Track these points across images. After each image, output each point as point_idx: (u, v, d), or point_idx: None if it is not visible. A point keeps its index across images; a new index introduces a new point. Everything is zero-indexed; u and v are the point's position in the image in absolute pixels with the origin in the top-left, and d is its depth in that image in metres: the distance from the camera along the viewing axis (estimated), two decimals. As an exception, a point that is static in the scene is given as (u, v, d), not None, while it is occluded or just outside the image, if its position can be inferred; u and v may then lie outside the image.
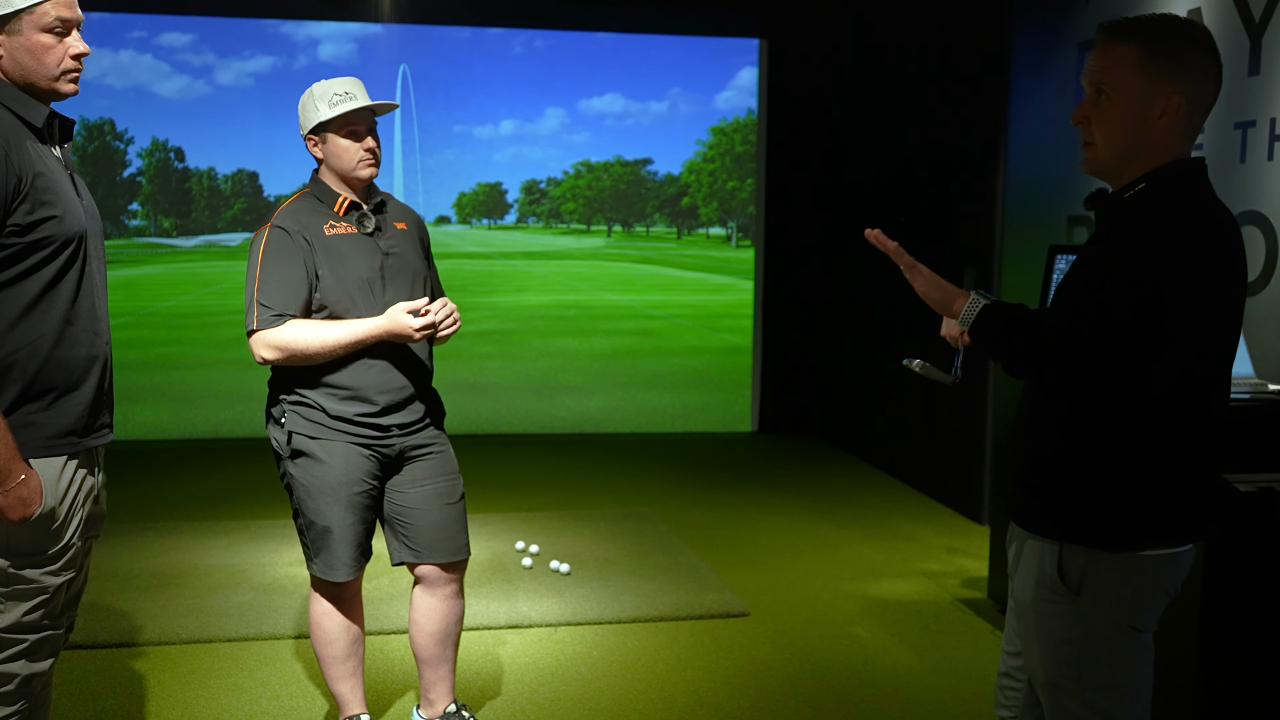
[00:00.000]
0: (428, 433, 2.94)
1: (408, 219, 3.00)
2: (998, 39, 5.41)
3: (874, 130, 7.09)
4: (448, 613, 3.01)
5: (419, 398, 2.91)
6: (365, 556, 2.94)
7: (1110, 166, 1.93)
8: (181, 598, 4.28)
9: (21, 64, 2.14)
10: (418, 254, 2.97)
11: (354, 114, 2.80)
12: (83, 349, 2.21)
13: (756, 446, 7.73)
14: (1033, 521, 1.98)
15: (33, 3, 2.11)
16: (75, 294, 2.18)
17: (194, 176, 8.00)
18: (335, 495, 2.82)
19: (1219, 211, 1.88)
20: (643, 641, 3.97)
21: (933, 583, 4.68)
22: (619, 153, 8.55)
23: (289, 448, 2.83)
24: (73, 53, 2.18)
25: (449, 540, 2.94)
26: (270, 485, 6.16)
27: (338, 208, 2.85)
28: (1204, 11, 3.86)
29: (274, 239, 2.79)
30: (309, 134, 2.84)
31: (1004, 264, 5.29)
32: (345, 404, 2.81)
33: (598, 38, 8.10)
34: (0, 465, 2.05)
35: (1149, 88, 1.85)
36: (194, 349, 8.00)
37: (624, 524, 5.43)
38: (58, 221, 2.13)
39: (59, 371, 2.17)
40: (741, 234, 8.47)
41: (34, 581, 2.18)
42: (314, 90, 2.83)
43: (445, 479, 2.95)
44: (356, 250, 2.83)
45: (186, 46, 7.74)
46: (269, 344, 2.74)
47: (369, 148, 2.82)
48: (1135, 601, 1.91)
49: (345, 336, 2.75)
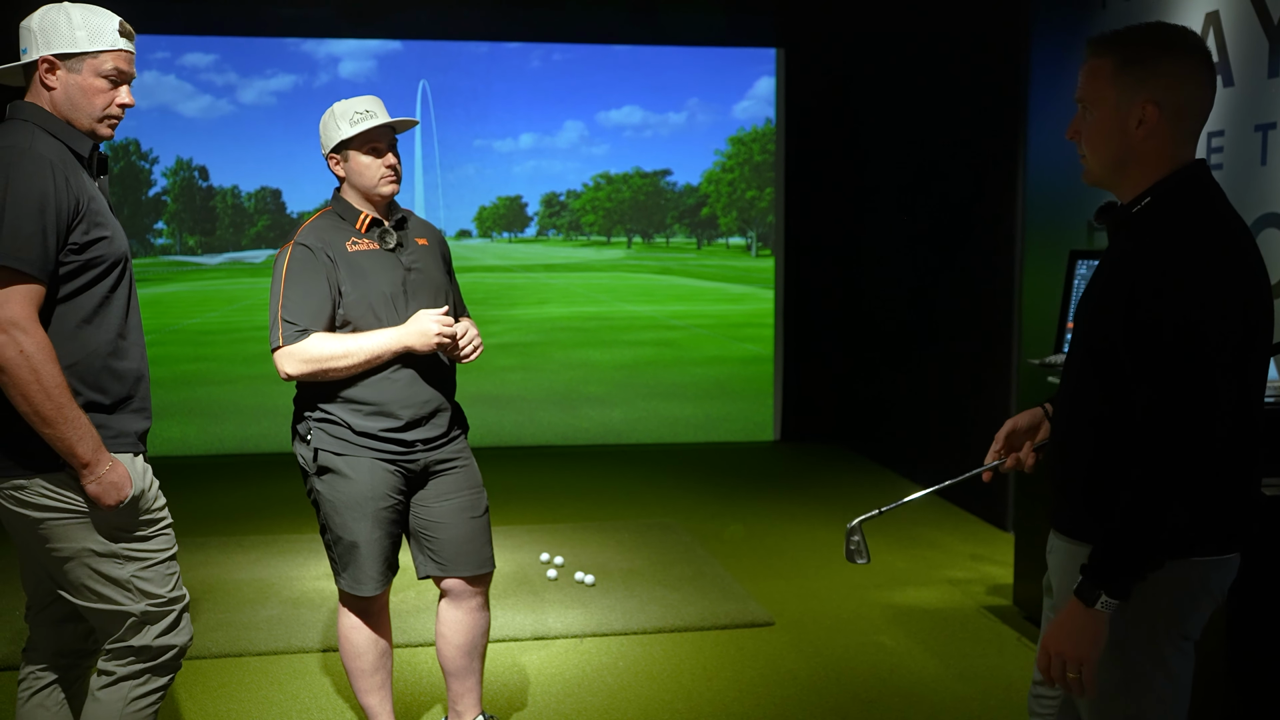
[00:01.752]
0: (452, 447, 2.96)
1: (429, 235, 3.03)
2: (1016, 44, 5.41)
3: (892, 137, 7.09)
4: (474, 625, 3.02)
5: (443, 412, 2.92)
6: (392, 570, 2.95)
7: (1104, 178, 1.95)
8: (211, 612, 4.32)
9: (72, 100, 2.29)
10: (439, 269, 2.99)
11: (375, 131, 2.83)
12: (133, 361, 2.37)
13: (779, 455, 7.72)
14: (1078, 529, 1.97)
15: (98, 49, 2.28)
16: (126, 310, 2.35)
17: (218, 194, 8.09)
18: (362, 511, 2.84)
19: (1231, 220, 1.87)
20: (668, 652, 3.97)
21: (958, 590, 4.67)
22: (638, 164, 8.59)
23: (315, 464, 2.85)
24: (120, 102, 2.34)
25: (474, 553, 2.96)
26: (297, 500, 6.20)
27: (359, 224, 2.88)
28: (1222, 15, 3.85)
29: (297, 256, 2.82)
30: (330, 152, 2.88)
31: (1025, 270, 5.28)
32: (370, 420, 2.82)
33: (615, 50, 8.14)
34: (89, 455, 2.21)
35: (1123, 99, 1.87)
36: (220, 365, 8.08)
37: (648, 534, 5.44)
38: (109, 242, 2.29)
39: (115, 382, 2.32)
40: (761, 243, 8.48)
41: (155, 552, 2.38)
42: (335, 109, 2.86)
43: (470, 492, 2.97)
44: (379, 266, 2.86)
45: (209, 66, 7.84)
46: (294, 359, 2.78)
47: (390, 165, 2.86)
48: (1183, 608, 1.90)
49: (369, 348, 2.77)
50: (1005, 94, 5.57)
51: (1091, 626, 1.80)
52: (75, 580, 2.33)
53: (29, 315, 2.15)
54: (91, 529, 2.29)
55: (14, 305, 2.13)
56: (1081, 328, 1.98)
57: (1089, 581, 1.80)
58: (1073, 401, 1.99)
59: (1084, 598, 1.80)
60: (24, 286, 2.15)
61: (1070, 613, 1.83)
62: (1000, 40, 5.63)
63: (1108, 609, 1.79)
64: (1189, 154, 1.91)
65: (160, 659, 2.41)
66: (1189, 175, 1.89)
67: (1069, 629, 1.82)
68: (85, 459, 2.21)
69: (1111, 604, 1.79)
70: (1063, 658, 1.83)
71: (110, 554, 2.32)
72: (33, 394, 2.14)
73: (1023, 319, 5.31)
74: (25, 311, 2.15)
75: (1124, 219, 1.93)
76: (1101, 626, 1.80)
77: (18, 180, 2.16)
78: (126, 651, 2.38)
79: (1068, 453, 1.99)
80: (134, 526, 2.34)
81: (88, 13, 2.29)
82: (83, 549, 2.30)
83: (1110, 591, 1.78)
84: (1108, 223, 1.98)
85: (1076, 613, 1.81)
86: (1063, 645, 1.83)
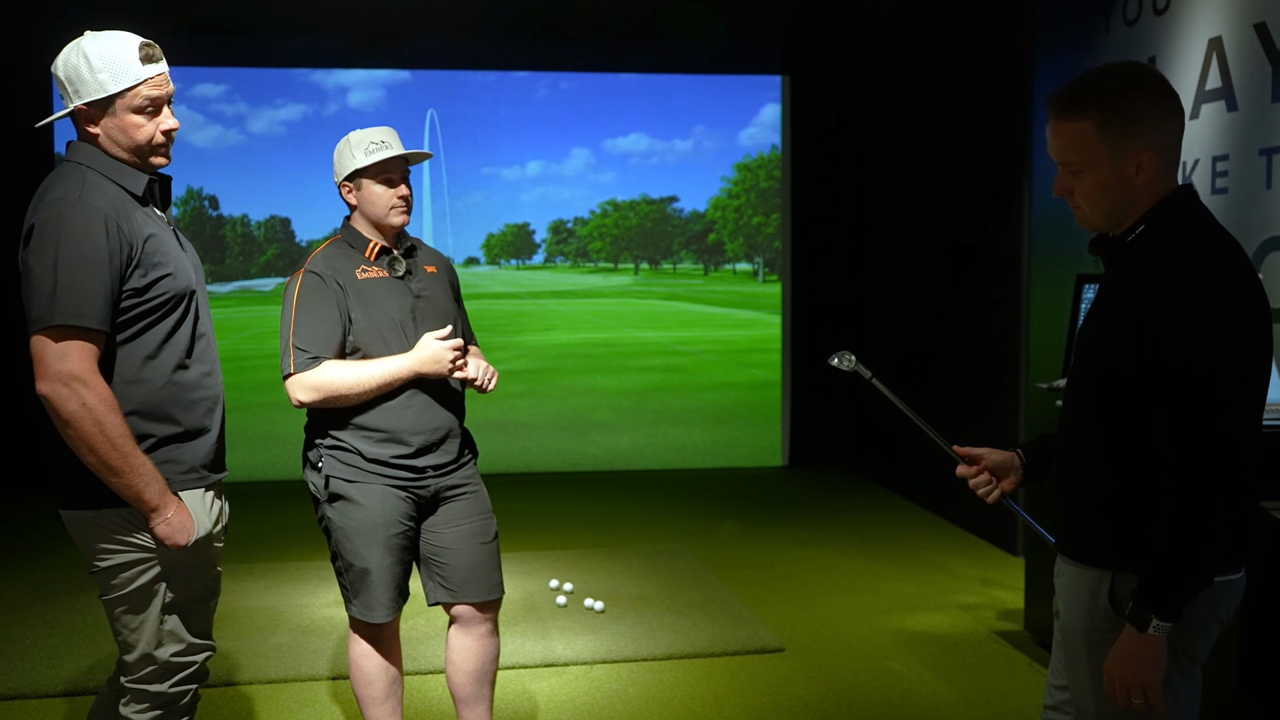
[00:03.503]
0: (462, 472, 2.97)
1: (438, 263, 3.05)
2: (1020, 69, 5.45)
3: (898, 162, 7.13)
4: (483, 651, 3.02)
5: (453, 438, 2.94)
6: (403, 597, 2.95)
7: (1104, 225, 1.99)
8: (220, 640, 4.32)
9: (118, 141, 2.31)
10: (448, 296, 3.02)
11: (389, 162, 2.86)
12: (202, 390, 2.39)
13: (788, 481, 7.71)
14: (1084, 552, 1.98)
15: (124, 88, 2.27)
16: (190, 343, 2.37)
17: (228, 223, 8.14)
18: (373, 538, 2.85)
19: (1226, 240, 1.91)
20: (678, 678, 3.96)
21: (968, 615, 4.65)
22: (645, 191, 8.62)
23: (326, 491, 2.87)
24: (163, 128, 2.34)
25: (483, 579, 2.96)
26: (306, 527, 6.21)
27: (369, 252, 2.90)
28: (1225, 41, 3.88)
29: (308, 283, 2.85)
30: (343, 180, 2.91)
31: (1032, 294, 5.29)
32: (381, 446, 2.84)
33: (621, 78, 8.20)
34: (155, 499, 2.25)
35: (1118, 154, 1.90)
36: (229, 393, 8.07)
37: (656, 560, 5.43)
38: (171, 279, 2.31)
39: (185, 413, 2.35)
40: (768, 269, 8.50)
41: (192, 602, 2.40)
42: (350, 138, 2.89)
43: (479, 518, 2.98)
44: (388, 293, 2.88)
45: (219, 97, 7.91)
46: (305, 386, 2.80)
47: (402, 195, 2.89)
48: (1189, 630, 1.91)
49: (381, 375, 2.79)
50: (1010, 119, 5.59)
51: (1148, 651, 1.84)
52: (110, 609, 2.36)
53: (89, 368, 2.17)
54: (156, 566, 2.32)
55: (74, 359, 2.16)
56: (1085, 355, 2.00)
57: (1139, 607, 1.84)
58: (1079, 428, 2.00)
59: (1136, 623, 1.84)
60: (82, 340, 2.17)
61: (1126, 639, 1.86)
62: (1004, 64, 5.67)
63: (1161, 632, 1.83)
64: (1174, 181, 1.95)
65: (177, 703, 2.41)
66: (1179, 201, 1.93)
67: (1126, 655, 1.86)
68: (153, 504, 2.25)
69: (1164, 627, 1.82)
70: (1125, 683, 1.87)
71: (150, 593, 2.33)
72: (98, 445, 2.17)
73: (1030, 343, 5.31)
74: (85, 365, 2.17)
75: (1118, 247, 1.97)
76: (1157, 650, 1.84)
77: (69, 234, 2.17)
78: (143, 696, 2.38)
79: (1075, 479, 2.00)
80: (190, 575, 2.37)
81: (104, 46, 2.27)
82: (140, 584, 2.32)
83: (1161, 615, 1.82)
84: (1102, 253, 2.02)
85: (1132, 639, 1.85)
86: (1124, 672, 1.86)
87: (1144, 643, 1.84)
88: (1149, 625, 1.82)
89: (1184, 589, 1.82)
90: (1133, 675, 1.85)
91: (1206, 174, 3.94)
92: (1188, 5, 4.08)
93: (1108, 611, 1.94)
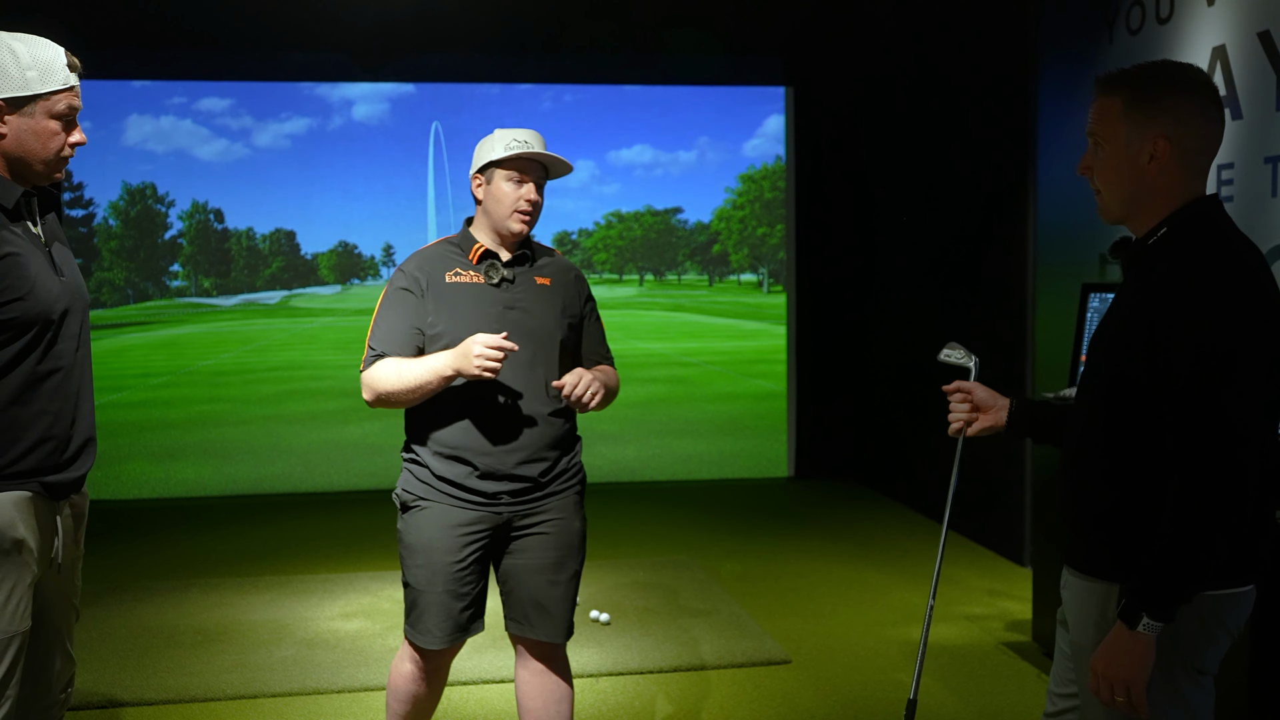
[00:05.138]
0: (549, 504, 2.76)
1: (559, 277, 2.82)
2: (1024, 78, 5.45)
3: (902, 172, 7.13)
4: (543, 690, 2.83)
5: (534, 463, 2.72)
6: (461, 631, 2.76)
7: (1119, 213, 2.00)
8: (226, 653, 4.31)
9: (24, 145, 2.15)
10: (553, 311, 2.78)
11: (523, 161, 2.71)
12: (39, 429, 2.17)
13: (794, 491, 7.69)
14: (1093, 566, 1.98)
15: (50, 90, 2.13)
16: (29, 376, 2.15)
17: (233, 237, 8.17)
18: (429, 559, 2.70)
19: (1246, 252, 1.90)
20: (685, 691, 3.95)
21: (976, 626, 4.63)
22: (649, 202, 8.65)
23: (399, 502, 2.77)
24: (73, 141, 2.21)
25: (544, 621, 2.78)
26: (312, 540, 6.21)
27: (472, 255, 2.75)
28: (1229, 49, 3.87)
29: (396, 282, 2.73)
30: (476, 172, 2.77)
31: (1038, 303, 5.28)
32: (448, 465, 2.69)
33: (625, 91, 8.22)
34: None
35: (1135, 134, 1.93)
36: (235, 406, 8.11)
37: (662, 572, 5.42)
38: (23, 304, 2.11)
39: (21, 446, 2.15)
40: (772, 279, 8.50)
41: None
42: (495, 133, 2.75)
43: (556, 554, 2.77)
44: (474, 299, 2.71)
45: (225, 111, 7.95)
46: (365, 385, 2.68)
47: (530, 199, 2.71)
48: (1198, 642, 1.90)
49: (419, 370, 2.62)
50: (1014, 128, 5.59)
51: (1136, 649, 1.83)
52: None
53: None
54: None
55: None
56: (1097, 363, 2.00)
57: (1131, 604, 1.83)
58: (1087, 436, 1.99)
59: (1127, 620, 1.83)
60: None
61: (1115, 636, 1.85)
62: (1008, 73, 5.67)
63: (1150, 630, 1.82)
64: (1200, 188, 1.95)
65: None
66: (1203, 209, 1.93)
67: (1114, 652, 1.85)
68: None
69: (1154, 626, 1.82)
70: (1110, 680, 1.85)
71: None
72: None
73: (1035, 353, 5.30)
74: None
75: (1139, 251, 1.96)
76: (1146, 649, 1.83)
77: None
78: None
79: (1082, 489, 1.99)
80: None
81: (34, 47, 2.14)
82: None
83: (1152, 614, 1.81)
84: (1122, 257, 2.01)
85: (1121, 636, 1.84)
86: (1110, 668, 1.85)
87: (1133, 640, 1.83)
88: (1139, 623, 1.82)
89: (1178, 590, 1.81)
90: (1118, 673, 1.84)
91: (1211, 182, 3.93)
92: (1191, 14, 4.08)
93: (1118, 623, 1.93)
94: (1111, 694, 1.86)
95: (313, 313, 8.20)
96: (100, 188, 7.88)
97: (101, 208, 7.91)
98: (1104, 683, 1.86)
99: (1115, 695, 1.86)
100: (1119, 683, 1.84)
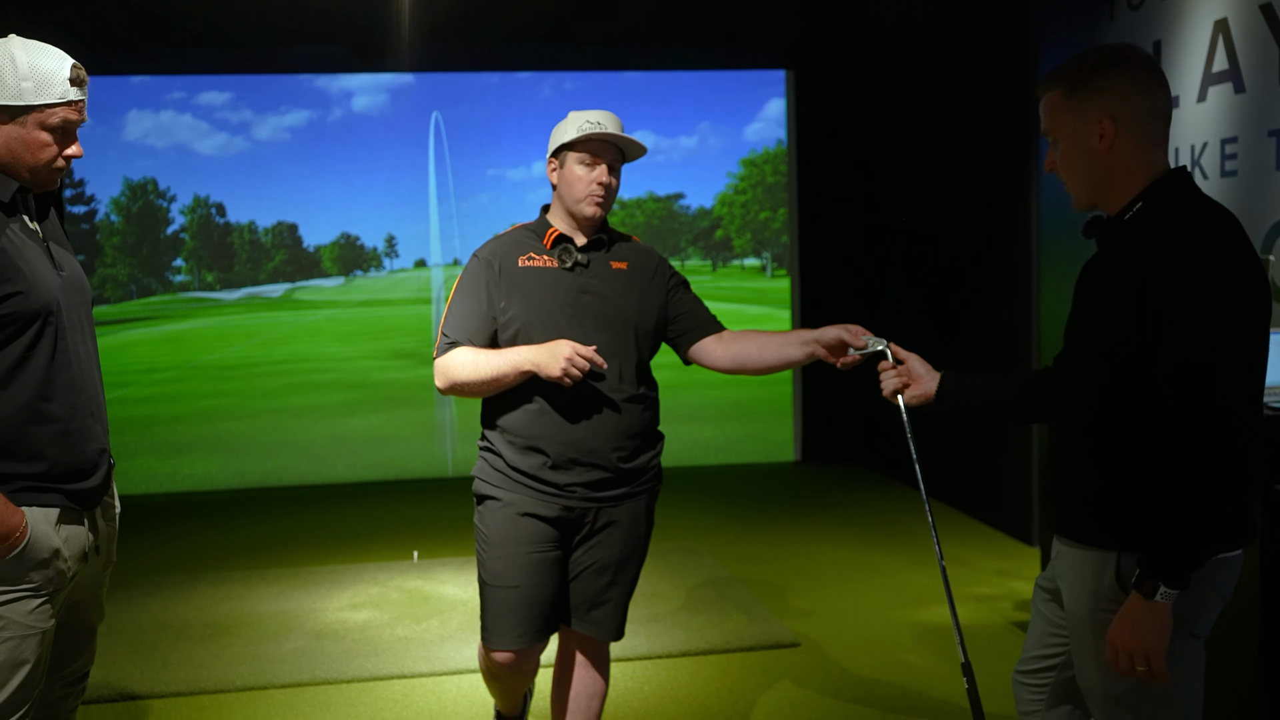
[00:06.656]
0: (624, 506, 2.72)
1: (637, 261, 2.76)
2: (1025, 56, 5.42)
3: (904, 155, 7.10)
4: (579, 682, 2.84)
5: (610, 457, 2.66)
6: (535, 631, 2.68)
7: (1088, 199, 2.05)
8: (235, 646, 4.32)
9: (14, 153, 2.12)
10: (630, 297, 2.71)
11: (596, 143, 2.64)
12: (60, 425, 2.16)
13: (800, 476, 7.69)
14: (1087, 534, 1.99)
15: (44, 103, 2.10)
16: (48, 369, 2.14)
17: (235, 230, 8.16)
18: (504, 549, 2.64)
19: (1221, 216, 1.92)
20: (693, 675, 3.95)
21: (985, 606, 4.63)
22: (651, 189, 8.61)
23: (476, 494, 2.74)
24: (68, 154, 2.17)
25: (591, 619, 2.77)
26: (319, 532, 6.22)
27: (546, 239, 2.71)
28: (1231, 22, 3.85)
29: (471, 268, 2.70)
30: (551, 156, 2.72)
31: (1042, 286, 5.26)
32: (522, 455, 2.64)
33: (625, 77, 8.19)
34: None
35: (1079, 120, 1.99)
36: (240, 400, 8.12)
37: (670, 558, 5.42)
38: (22, 298, 2.09)
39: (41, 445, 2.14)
40: (776, 264, 8.49)
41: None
42: (569, 116, 2.69)
43: (618, 557, 2.75)
44: (547, 284, 2.66)
45: (224, 104, 7.92)
46: (439, 373, 2.64)
47: (603, 181, 2.65)
48: (1191, 607, 1.91)
49: (496, 362, 2.58)
50: (1016, 107, 5.56)
51: (1155, 618, 1.85)
52: None
53: None
54: None
55: None
56: (1075, 340, 2.04)
57: (1146, 574, 1.85)
58: (1076, 407, 2.01)
59: (1143, 590, 1.85)
60: None
61: (1131, 607, 1.87)
62: (1010, 52, 5.64)
63: (1168, 599, 1.84)
64: (1162, 159, 2.00)
65: None
66: (1176, 182, 1.97)
67: (1133, 623, 1.86)
68: None
69: (1171, 594, 1.83)
70: (1130, 651, 1.87)
71: None
72: None
73: (1040, 335, 5.28)
74: None
75: (1115, 227, 2.00)
76: (1164, 617, 1.84)
77: None
78: None
79: (1074, 459, 2.01)
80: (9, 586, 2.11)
81: (37, 56, 2.10)
82: None
83: (1169, 582, 1.83)
84: (1097, 235, 2.05)
85: (1138, 606, 1.86)
86: (1129, 640, 1.87)
87: (1150, 610, 1.84)
88: (1156, 593, 1.83)
89: (1192, 555, 1.83)
90: (1138, 643, 1.85)
91: (1215, 157, 3.91)
92: (1193, -12, 4.05)
93: (1114, 590, 1.95)
94: (1131, 664, 1.87)
95: (316, 305, 8.20)
96: (102, 184, 7.88)
97: (103, 204, 7.90)
98: (1123, 654, 1.88)
99: (1135, 665, 1.87)
100: (1139, 653, 1.86)
